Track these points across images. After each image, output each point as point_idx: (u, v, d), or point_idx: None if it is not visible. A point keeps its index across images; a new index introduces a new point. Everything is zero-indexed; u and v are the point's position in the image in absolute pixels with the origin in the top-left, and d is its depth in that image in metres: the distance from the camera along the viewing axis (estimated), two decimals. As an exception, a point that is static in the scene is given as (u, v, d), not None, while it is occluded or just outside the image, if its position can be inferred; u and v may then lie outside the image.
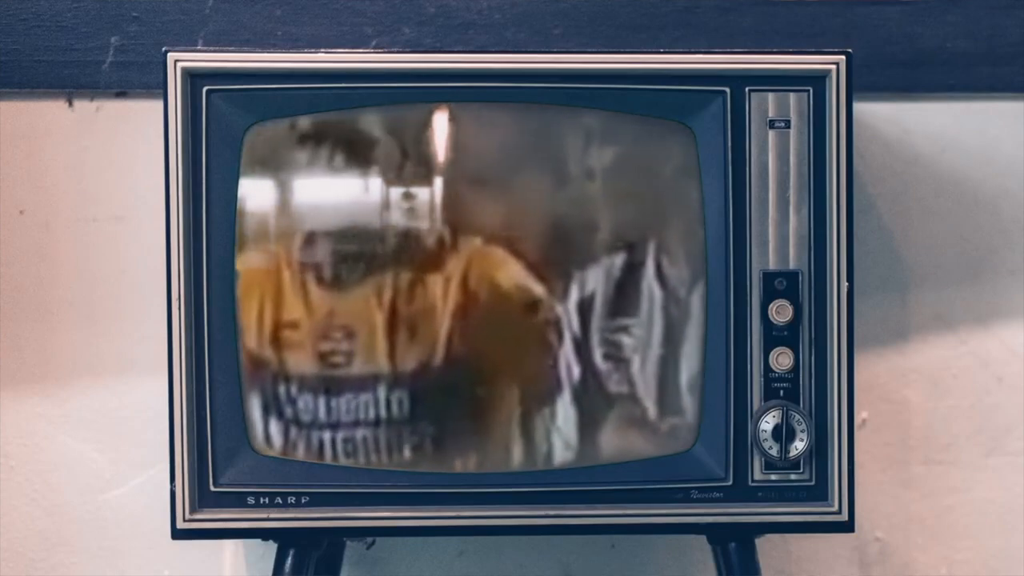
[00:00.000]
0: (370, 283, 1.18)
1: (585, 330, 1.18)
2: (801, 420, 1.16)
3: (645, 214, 1.18)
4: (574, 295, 1.18)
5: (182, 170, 1.15)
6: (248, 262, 1.17)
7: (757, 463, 1.18)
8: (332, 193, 1.18)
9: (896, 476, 1.42)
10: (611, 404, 1.19)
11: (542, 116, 1.18)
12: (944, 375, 1.41)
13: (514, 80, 1.17)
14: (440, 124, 1.18)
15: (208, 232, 1.16)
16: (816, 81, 1.17)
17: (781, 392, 1.17)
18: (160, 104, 1.15)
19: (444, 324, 1.18)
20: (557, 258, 1.18)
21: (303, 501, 1.17)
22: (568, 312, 1.18)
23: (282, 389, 1.18)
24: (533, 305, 1.18)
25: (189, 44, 1.34)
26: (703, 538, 1.24)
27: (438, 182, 1.18)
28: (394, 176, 1.18)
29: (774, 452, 1.16)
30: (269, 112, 1.16)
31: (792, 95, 1.17)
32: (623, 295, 1.19)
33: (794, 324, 1.17)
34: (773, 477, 1.18)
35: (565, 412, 1.19)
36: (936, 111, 1.40)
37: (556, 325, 1.18)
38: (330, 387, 1.18)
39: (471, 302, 1.18)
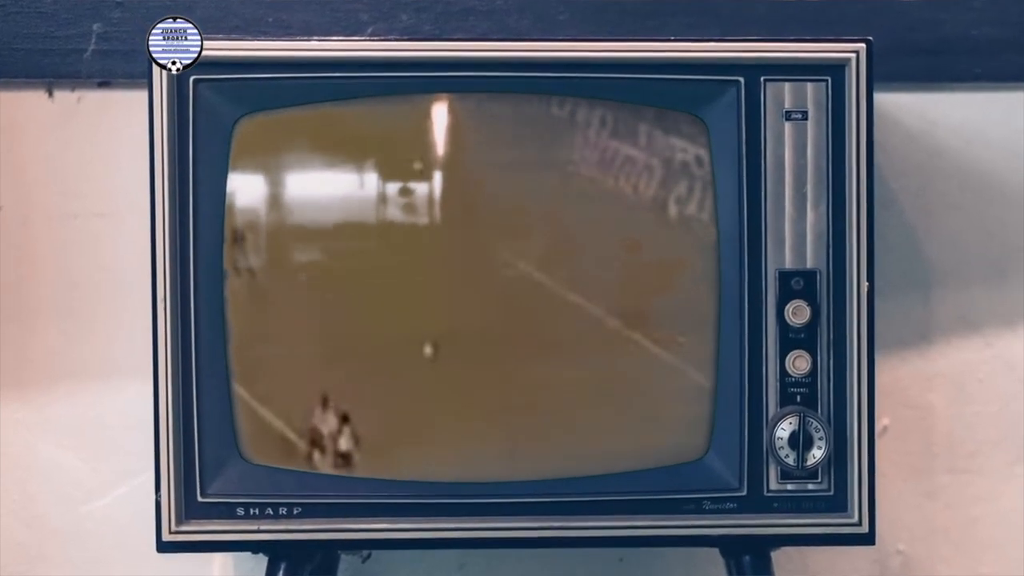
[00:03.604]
0: (364, 281, 1.18)
1: (592, 331, 1.18)
2: (819, 427, 1.16)
3: (652, 209, 1.18)
4: (580, 294, 1.18)
5: (168, 164, 1.15)
6: (237, 260, 1.17)
7: (773, 472, 1.18)
8: (325, 188, 1.18)
9: (919, 485, 1.42)
10: (619, 410, 1.19)
11: (546, 107, 1.18)
12: (969, 379, 1.41)
13: (517, 69, 1.17)
14: (439, 115, 1.18)
15: (195, 229, 1.16)
16: (835, 70, 1.17)
17: (798, 397, 1.17)
18: (145, 95, 1.15)
19: (443, 325, 1.18)
20: (562, 255, 1.18)
21: (295, 512, 1.17)
22: (574, 312, 1.18)
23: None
24: (537, 305, 1.18)
25: (175, 31, 1.34)
26: (716, 551, 1.24)
27: (437, 176, 1.18)
28: (391, 170, 1.18)
29: (790, 460, 1.16)
30: (259, 103, 1.16)
31: (810, 85, 1.17)
32: (631, 292, 1.19)
33: (812, 326, 1.17)
34: (789, 487, 1.18)
35: (570, 418, 1.19)
36: (961, 101, 1.40)
37: (561, 326, 1.18)
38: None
39: (471, 303, 1.18)
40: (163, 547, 1.17)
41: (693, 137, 1.18)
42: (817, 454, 1.16)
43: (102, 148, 1.37)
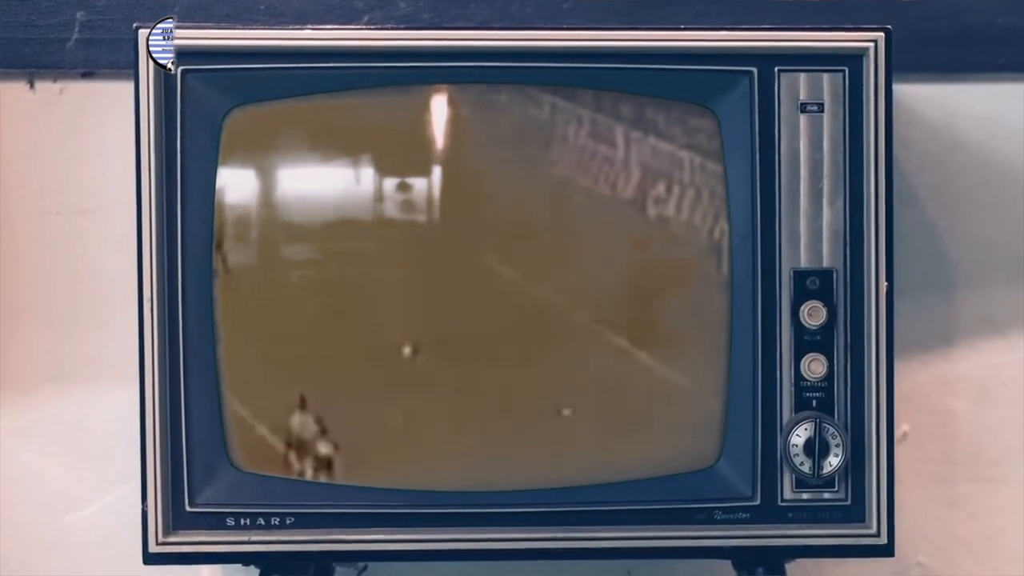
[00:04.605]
0: (361, 281, 1.18)
1: (596, 333, 1.18)
2: (836, 433, 1.16)
3: (657, 207, 1.18)
4: (585, 294, 1.18)
5: (155, 158, 1.15)
6: (227, 259, 1.16)
7: (787, 481, 1.18)
8: (319, 184, 1.18)
9: (940, 495, 1.41)
10: (625, 416, 1.18)
11: (550, 99, 1.17)
12: (993, 383, 1.41)
13: (520, 59, 1.17)
14: (439, 108, 1.18)
15: (183, 226, 1.16)
16: (852, 60, 1.17)
17: (814, 402, 1.17)
18: (131, 86, 1.16)
19: (443, 327, 1.17)
20: (566, 255, 1.18)
21: (288, 522, 1.17)
22: (579, 313, 1.18)
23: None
24: (541, 307, 1.18)
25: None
26: (728, 563, 1.24)
27: (436, 171, 1.18)
28: (388, 165, 1.17)
29: (806, 469, 1.16)
30: (250, 95, 1.16)
31: (826, 76, 1.17)
32: (639, 292, 1.18)
33: (828, 328, 1.17)
34: (805, 496, 1.18)
35: (575, 425, 1.18)
36: (984, 93, 1.39)
37: (564, 329, 1.18)
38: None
39: (473, 305, 1.18)
40: (150, 559, 1.17)
41: (703, 131, 1.17)
42: (834, 462, 1.16)
43: (86, 142, 1.37)
